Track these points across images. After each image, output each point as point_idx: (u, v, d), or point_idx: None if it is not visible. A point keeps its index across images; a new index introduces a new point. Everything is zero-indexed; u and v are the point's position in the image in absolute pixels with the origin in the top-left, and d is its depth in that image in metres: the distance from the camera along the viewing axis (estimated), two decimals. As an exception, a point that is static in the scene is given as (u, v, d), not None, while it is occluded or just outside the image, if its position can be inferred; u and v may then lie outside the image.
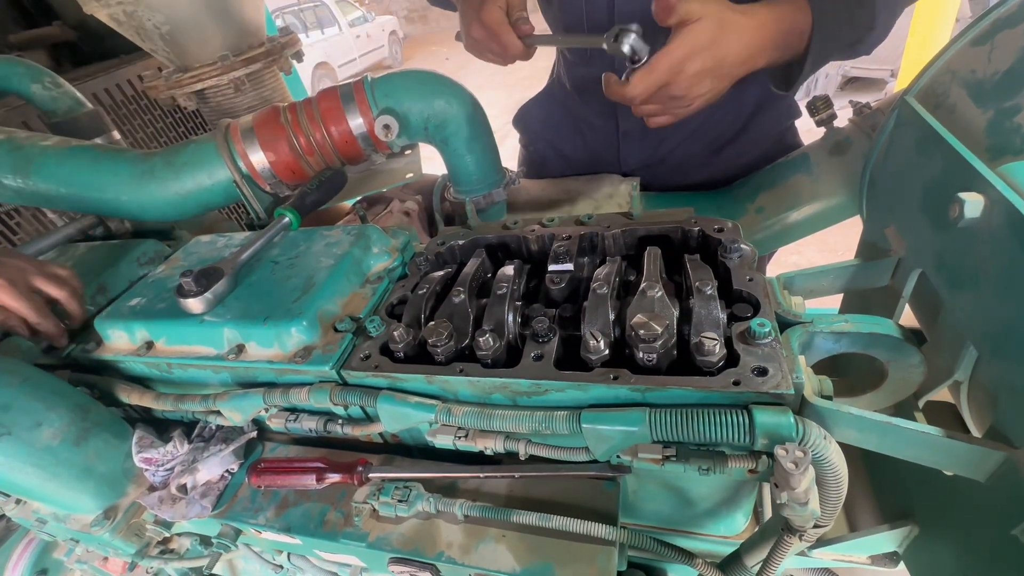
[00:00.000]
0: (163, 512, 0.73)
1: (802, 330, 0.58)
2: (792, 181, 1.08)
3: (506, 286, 0.69)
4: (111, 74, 1.84)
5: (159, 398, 0.78)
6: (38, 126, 1.53)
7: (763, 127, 1.16)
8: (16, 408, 0.68)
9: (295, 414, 0.72)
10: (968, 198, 0.52)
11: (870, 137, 0.98)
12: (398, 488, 0.65)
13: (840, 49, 0.81)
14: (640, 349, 0.55)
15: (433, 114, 0.95)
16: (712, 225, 0.71)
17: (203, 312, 0.74)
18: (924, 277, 0.66)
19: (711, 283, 0.61)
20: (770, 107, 1.14)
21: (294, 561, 0.82)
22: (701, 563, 0.60)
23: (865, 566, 0.71)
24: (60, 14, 2.12)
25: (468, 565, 0.60)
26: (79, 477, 0.73)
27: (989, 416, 0.56)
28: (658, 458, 0.53)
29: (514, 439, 0.60)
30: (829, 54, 0.79)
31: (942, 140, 0.60)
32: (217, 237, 0.95)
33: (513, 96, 7.54)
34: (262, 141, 0.93)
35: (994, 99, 0.61)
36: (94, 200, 1.04)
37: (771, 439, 0.48)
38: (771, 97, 1.13)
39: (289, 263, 0.80)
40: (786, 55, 0.78)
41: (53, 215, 1.47)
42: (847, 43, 0.80)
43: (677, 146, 1.18)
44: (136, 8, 1.13)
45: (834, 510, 0.52)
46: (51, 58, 2.10)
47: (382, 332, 0.68)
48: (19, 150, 1.01)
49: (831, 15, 0.75)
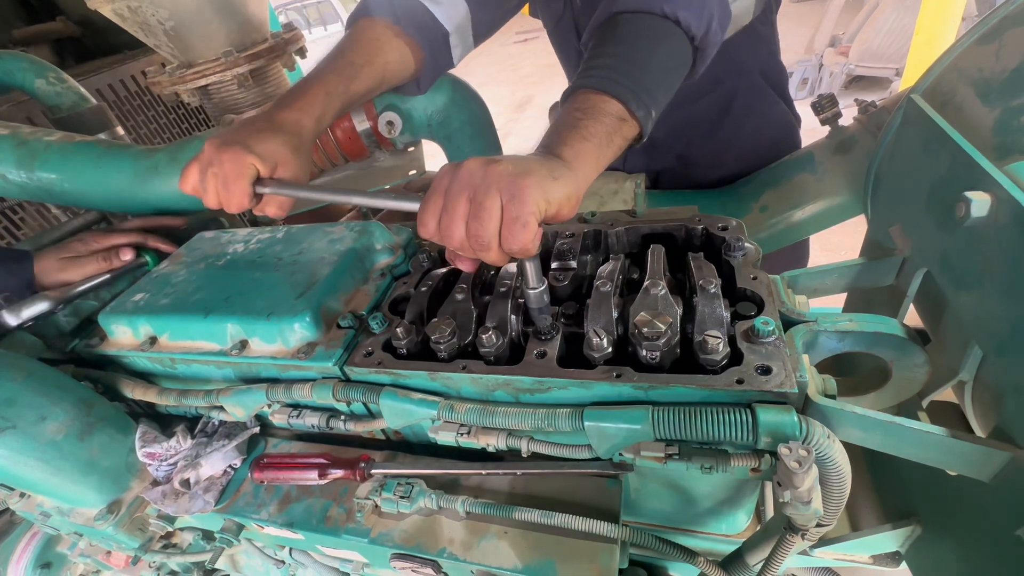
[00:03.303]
0: (166, 507, 0.73)
1: (806, 329, 0.58)
2: (797, 180, 1.08)
3: (509, 283, 0.68)
4: (115, 70, 1.84)
5: (162, 393, 0.78)
6: (42, 121, 1.53)
7: (766, 129, 1.16)
8: (21, 403, 0.68)
9: (298, 410, 0.72)
10: (975, 197, 0.52)
11: (875, 136, 0.98)
12: (400, 484, 0.65)
13: (674, 83, 0.69)
14: (643, 347, 0.55)
15: (436, 111, 0.95)
16: (716, 223, 0.71)
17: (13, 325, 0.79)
18: (929, 276, 0.66)
19: (715, 281, 0.61)
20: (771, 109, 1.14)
21: (296, 556, 0.83)
22: (703, 561, 0.60)
23: (867, 566, 0.71)
24: (64, 10, 2.12)
25: (470, 561, 0.60)
26: (83, 471, 0.73)
27: (993, 416, 0.56)
28: (661, 456, 0.52)
29: (516, 436, 0.60)
30: (663, 98, 0.67)
31: (948, 139, 0.59)
32: (221, 233, 0.95)
33: (516, 93, 7.53)
34: (265, 137, 0.93)
35: (1001, 98, 0.61)
36: (98, 195, 1.04)
37: (774, 438, 0.48)
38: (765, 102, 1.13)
39: (292, 259, 0.80)
40: (620, 145, 0.65)
41: (57, 210, 1.48)
42: (680, 71, 0.70)
43: (683, 153, 1.18)
44: (140, 4, 1.13)
45: (837, 509, 0.52)
46: (55, 54, 2.11)
47: (385, 329, 0.68)
48: (23, 145, 1.01)
49: (641, 87, 0.64)
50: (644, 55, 0.66)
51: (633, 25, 0.67)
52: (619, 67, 0.65)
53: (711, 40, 0.69)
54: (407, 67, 0.91)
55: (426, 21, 0.89)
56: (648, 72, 0.65)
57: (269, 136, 0.73)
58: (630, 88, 0.63)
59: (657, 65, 0.66)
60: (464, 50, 0.98)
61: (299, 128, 0.76)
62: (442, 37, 0.92)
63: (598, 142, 0.61)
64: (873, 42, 4.66)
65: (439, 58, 0.94)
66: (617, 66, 0.65)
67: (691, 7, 0.65)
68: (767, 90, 1.13)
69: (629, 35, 0.67)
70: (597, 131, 0.61)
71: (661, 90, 0.67)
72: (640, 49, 0.66)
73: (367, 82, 0.86)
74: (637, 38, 0.66)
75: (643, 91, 0.64)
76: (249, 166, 0.70)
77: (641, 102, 0.63)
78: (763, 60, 1.10)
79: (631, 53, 0.66)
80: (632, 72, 0.64)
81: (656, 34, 0.66)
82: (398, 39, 0.88)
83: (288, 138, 0.74)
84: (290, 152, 0.74)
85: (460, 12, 0.92)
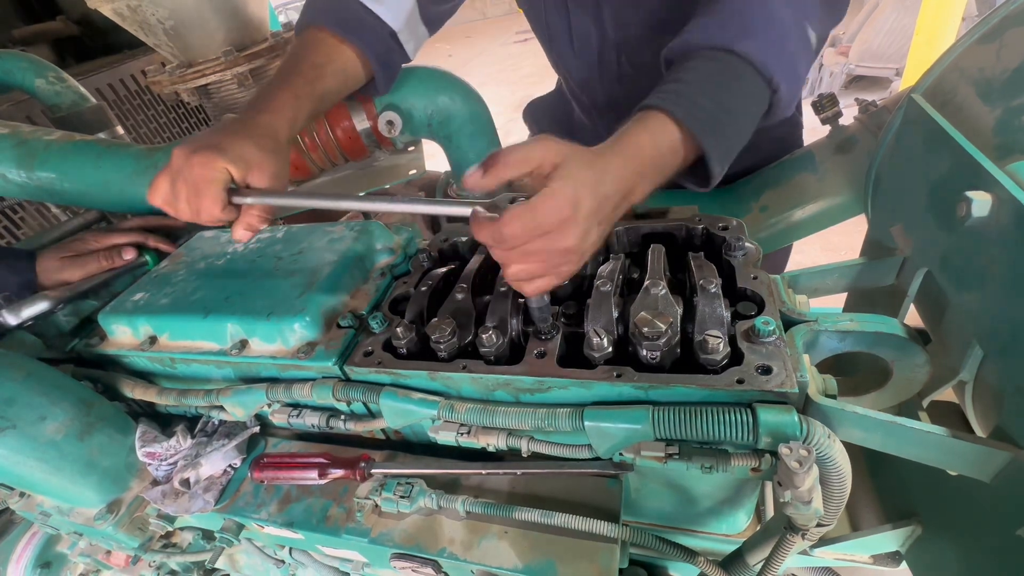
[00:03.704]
0: (166, 506, 0.73)
1: (807, 329, 0.58)
2: (797, 179, 1.08)
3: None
4: (115, 69, 1.84)
5: (162, 393, 0.78)
6: (42, 121, 1.54)
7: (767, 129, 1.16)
8: (20, 402, 0.68)
9: (298, 410, 0.72)
10: (976, 197, 0.52)
11: (876, 135, 0.97)
12: (400, 484, 0.65)
13: (745, 131, 0.66)
14: (643, 347, 0.55)
15: (436, 110, 0.95)
16: (716, 223, 0.71)
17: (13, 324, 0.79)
18: (930, 276, 0.66)
19: (715, 281, 0.61)
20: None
21: (296, 556, 0.83)
22: (703, 561, 0.60)
23: (867, 565, 0.71)
24: (64, 9, 2.12)
25: (470, 561, 0.60)
26: (83, 471, 0.73)
27: (994, 416, 0.55)
28: (661, 456, 0.52)
29: (517, 436, 0.60)
30: (732, 139, 0.65)
31: (949, 138, 0.59)
32: (220, 233, 0.95)
33: (516, 93, 7.53)
34: (265, 137, 0.93)
35: (1002, 97, 0.61)
36: (98, 195, 1.04)
37: (775, 438, 0.48)
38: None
39: (292, 259, 0.80)
40: (671, 173, 0.64)
41: (57, 210, 1.48)
42: (752, 118, 0.66)
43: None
44: (140, 3, 1.13)
45: (837, 509, 0.52)
46: (55, 53, 2.11)
47: (385, 328, 0.68)
48: (23, 145, 1.01)
49: (706, 116, 0.61)
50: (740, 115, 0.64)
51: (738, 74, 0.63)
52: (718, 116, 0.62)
53: (787, 113, 0.68)
54: (359, 71, 0.89)
55: (368, 23, 0.86)
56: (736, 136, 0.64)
57: (241, 139, 0.68)
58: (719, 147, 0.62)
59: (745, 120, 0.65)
60: (417, 42, 0.96)
61: (272, 131, 0.72)
62: (389, 36, 0.90)
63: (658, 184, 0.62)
64: (873, 42, 4.65)
65: (389, 58, 0.92)
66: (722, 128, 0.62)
67: (792, 82, 0.63)
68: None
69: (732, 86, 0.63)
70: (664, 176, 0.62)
71: (739, 143, 0.65)
72: (740, 107, 0.64)
73: (333, 82, 0.84)
74: (738, 93, 0.64)
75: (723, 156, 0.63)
76: (221, 170, 0.65)
77: (723, 162, 0.63)
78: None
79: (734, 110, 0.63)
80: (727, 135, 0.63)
81: (755, 93, 0.64)
82: (343, 46, 0.85)
83: (262, 140, 0.70)
84: (265, 155, 0.69)
85: (405, 5, 0.89)
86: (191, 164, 0.66)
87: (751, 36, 0.61)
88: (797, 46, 0.62)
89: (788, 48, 0.62)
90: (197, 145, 0.67)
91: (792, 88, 0.64)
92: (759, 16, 0.62)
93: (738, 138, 0.65)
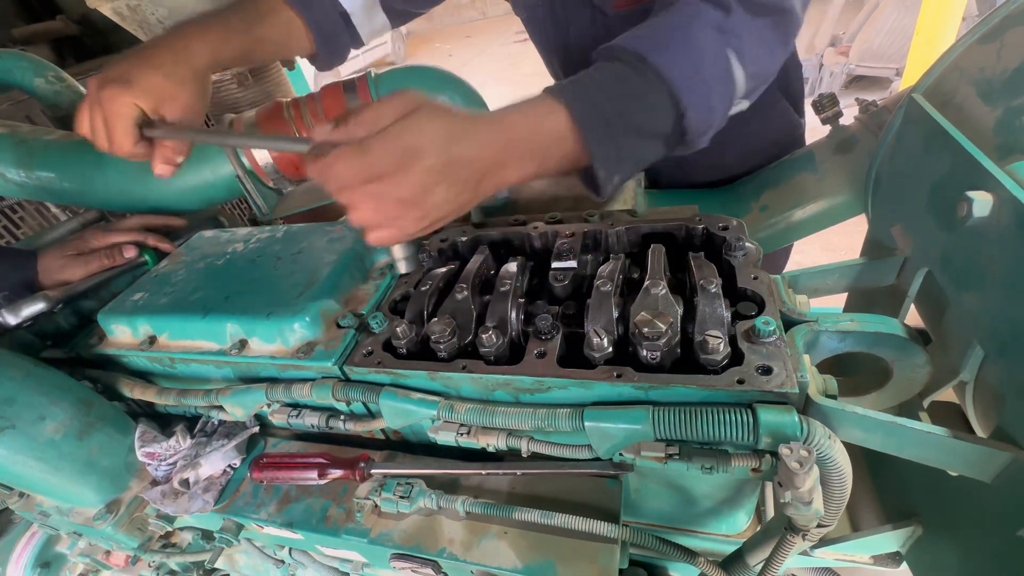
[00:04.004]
0: (165, 506, 0.73)
1: (807, 329, 0.58)
2: (797, 179, 1.07)
3: (509, 283, 0.68)
4: (114, 69, 1.84)
5: (162, 393, 0.78)
6: (41, 120, 1.53)
7: (767, 129, 1.15)
8: (20, 402, 0.68)
9: (297, 410, 0.72)
10: (976, 197, 0.52)
11: (876, 135, 0.97)
12: (400, 484, 0.65)
13: (643, 147, 0.62)
14: (644, 347, 0.55)
15: (436, 110, 0.95)
16: (716, 223, 0.71)
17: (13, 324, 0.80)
18: (930, 276, 0.66)
19: (715, 281, 0.61)
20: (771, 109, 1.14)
21: (295, 556, 0.83)
22: (703, 561, 0.60)
23: (868, 566, 0.71)
24: (63, 9, 2.12)
25: (470, 562, 0.60)
26: (82, 471, 0.73)
27: (995, 416, 0.55)
28: (661, 456, 0.52)
29: (517, 436, 0.60)
30: (627, 155, 0.62)
31: (950, 138, 0.59)
32: (220, 233, 0.95)
33: (517, 92, 7.48)
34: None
35: (1003, 97, 0.61)
36: (97, 194, 1.04)
37: (775, 438, 0.48)
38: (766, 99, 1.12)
39: (292, 258, 0.80)
40: (555, 164, 0.61)
41: (56, 209, 1.48)
42: (653, 138, 0.62)
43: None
44: (140, 3, 1.13)
45: (838, 510, 0.52)
46: (54, 52, 2.11)
47: (385, 328, 0.68)
48: (23, 144, 1.01)
49: (597, 112, 0.58)
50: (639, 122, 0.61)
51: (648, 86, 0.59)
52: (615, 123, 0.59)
53: (697, 145, 0.64)
54: (304, 40, 0.86)
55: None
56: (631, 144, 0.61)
57: (152, 69, 0.65)
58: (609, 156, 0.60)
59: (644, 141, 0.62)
60: (373, 29, 0.93)
61: (188, 58, 0.69)
62: (340, 16, 0.88)
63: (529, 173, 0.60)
64: (873, 42, 4.65)
65: (336, 38, 0.89)
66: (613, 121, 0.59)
67: (701, 112, 0.60)
68: (771, 88, 1.12)
69: (637, 92, 0.60)
70: (549, 166, 0.60)
71: (633, 165, 0.63)
72: (640, 112, 0.60)
73: (273, 33, 0.81)
74: (643, 106, 0.60)
75: (616, 160, 0.61)
76: (129, 105, 0.64)
77: (611, 167, 0.60)
78: None
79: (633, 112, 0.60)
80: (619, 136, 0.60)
81: (661, 112, 0.60)
82: (291, 12, 0.83)
83: (176, 69, 0.67)
84: (177, 86, 0.66)
85: None
86: (101, 98, 0.64)
87: (667, 51, 0.59)
88: (713, 76, 0.59)
89: (703, 75, 0.59)
90: (108, 77, 0.65)
91: (702, 118, 0.60)
92: (679, 37, 0.60)
93: (632, 149, 0.61)
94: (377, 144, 0.50)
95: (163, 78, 0.66)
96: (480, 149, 0.55)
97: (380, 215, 0.55)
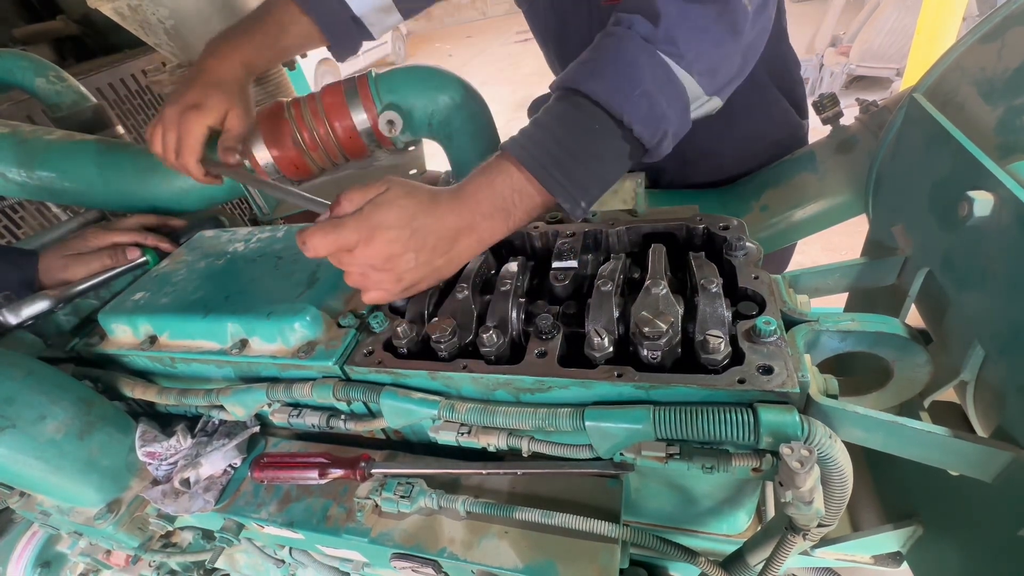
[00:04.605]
0: (166, 506, 0.73)
1: (808, 328, 0.58)
2: (798, 179, 1.07)
3: (510, 283, 0.68)
4: (115, 68, 1.84)
5: (162, 392, 0.78)
6: (42, 120, 1.53)
7: (768, 131, 1.15)
8: (20, 401, 0.68)
9: (298, 409, 0.72)
10: (977, 196, 0.52)
11: (877, 135, 0.97)
12: (400, 484, 0.65)
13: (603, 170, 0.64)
14: (644, 347, 0.55)
15: (437, 110, 0.95)
16: (717, 223, 0.71)
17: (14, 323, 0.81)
18: (931, 276, 0.66)
19: (716, 281, 0.61)
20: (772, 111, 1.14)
21: (296, 556, 0.83)
22: (704, 561, 0.60)
23: (868, 566, 0.71)
24: (64, 9, 2.13)
25: (470, 561, 0.60)
26: (83, 470, 0.73)
27: (996, 416, 0.55)
28: (662, 456, 0.52)
29: (517, 436, 0.60)
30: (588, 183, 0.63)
31: (951, 138, 0.59)
32: (221, 232, 0.95)
33: (517, 92, 7.52)
34: (266, 136, 0.93)
35: (1004, 97, 0.61)
36: (97, 194, 1.04)
37: (776, 438, 0.48)
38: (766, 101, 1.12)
39: (293, 258, 0.80)
40: (523, 213, 0.65)
41: (57, 209, 1.48)
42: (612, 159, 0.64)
43: (683, 151, 1.18)
44: (140, 3, 1.13)
45: (838, 509, 0.52)
46: (55, 52, 2.11)
47: (385, 328, 0.68)
48: (23, 144, 1.01)
49: (545, 155, 0.62)
50: (591, 151, 0.63)
51: (585, 116, 0.62)
52: (563, 159, 0.62)
53: (661, 150, 0.65)
54: (319, 40, 0.96)
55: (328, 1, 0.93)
56: (590, 169, 0.63)
57: (213, 90, 0.80)
58: (565, 186, 0.62)
59: (603, 164, 0.64)
60: (383, 27, 1.01)
61: (234, 73, 0.84)
62: (348, 18, 0.96)
63: (507, 229, 0.66)
64: (874, 42, 4.65)
65: (345, 36, 0.98)
66: (562, 158, 0.62)
67: (647, 122, 0.61)
68: (770, 88, 1.12)
69: (578, 125, 0.63)
70: (518, 219, 0.65)
71: (598, 186, 0.64)
72: (588, 143, 0.63)
73: (294, 40, 0.92)
74: (586, 131, 0.62)
75: (578, 188, 0.62)
76: (202, 126, 0.79)
77: (572, 197, 0.62)
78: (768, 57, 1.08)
79: (578, 146, 0.62)
80: (573, 167, 0.62)
81: (606, 132, 0.62)
82: (303, 16, 0.92)
83: (230, 87, 0.82)
84: (234, 100, 0.82)
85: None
86: (180, 122, 0.79)
87: (599, 77, 0.61)
88: (655, 86, 0.60)
89: (643, 88, 0.60)
90: (184, 104, 0.80)
91: (654, 126, 0.62)
92: (609, 58, 0.62)
93: (591, 176, 0.63)
94: (349, 221, 0.60)
95: (223, 96, 0.81)
96: (441, 218, 0.62)
97: (362, 279, 0.64)
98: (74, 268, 0.90)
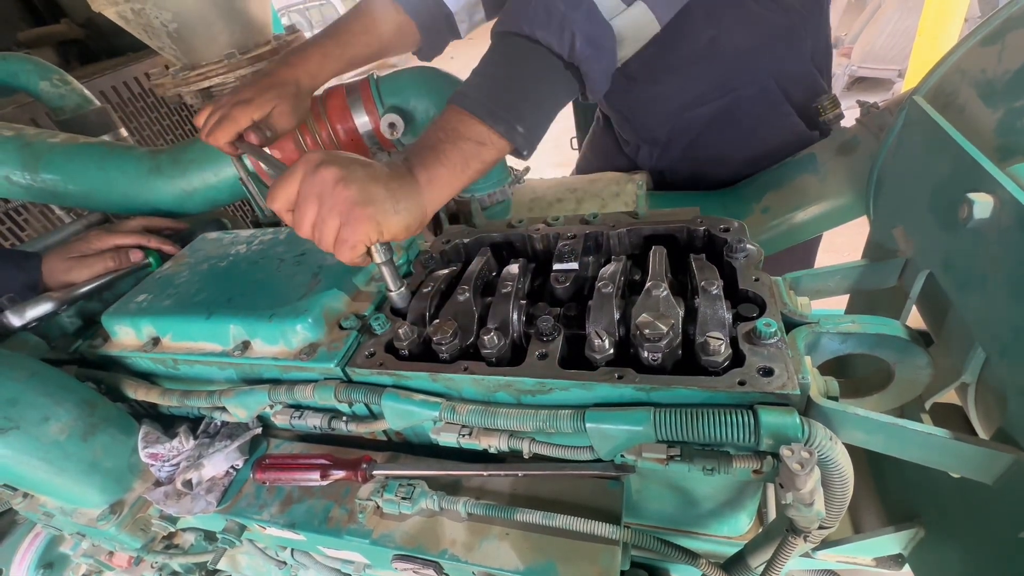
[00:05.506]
0: (168, 507, 0.73)
1: (808, 330, 0.58)
2: (799, 181, 1.07)
3: (511, 285, 0.68)
4: (118, 72, 1.85)
5: (165, 394, 0.78)
6: (46, 123, 1.54)
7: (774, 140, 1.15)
8: (24, 403, 0.68)
9: (300, 411, 0.72)
10: (977, 199, 0.52)
11: (878, 137, 0.97)
12: (402, 485, 0.65)
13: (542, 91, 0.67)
14: (645, 348, 0.55)
15: (438, 112, 0.95)
16: (718, 225, 0.71)
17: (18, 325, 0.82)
18: (932, 278, 0.66)
19: (717, 283, 0.61)
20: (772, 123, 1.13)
21: (297, 557, 0.83)
22: (705, 563, 0.60)
23: (870, 568, 0.71)
24: (68, 12, 2.14)
25: (471, 563, 0.60)
26: (86, 472, 0.74)
27: (997, 418, 0.55)
28: (662, 458, 0.52)
29: (518, 437, 0.60)
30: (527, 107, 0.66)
31: (951, 140, 0.59)
32: (223, 235, 0.95)
33: (518, 95, 7.53)
34: (268, 139, 0.93)
35: (1004, 99, 0.61)
36: (101, 197, 1.04)
37: (776, 440, 0.48)
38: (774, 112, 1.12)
39: (295, 260, 0.81)
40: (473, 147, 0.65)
41: (61, 211, 1.48)
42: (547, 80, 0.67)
43: (689, 153, 1.18)
44: (144, 6, 1.13)
45: (839, 511, 0.52)
46: (59, 56, 2.12)
47: (387, 330, 0.69)
48: (27, 147, 1.01)
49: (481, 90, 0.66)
50: (512, 74, 0.67)
51: (504, 46, 0.68)
52: (485, 86, 0.66)
53: (581, 57, 0.65)
54: (406, 41, 1.00)
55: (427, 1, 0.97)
56: (513, 90, 0.66)
57: (268, 92, 0.85)
58: (490, 108, 0.64)
59: (525, 83, 0.66)
60: (472, 25, 1.05)
61: (296, 81, 0.88)
62: (444, 16, 0.99)
63: (453, 168, 0.64)
64: (875, 43, 4.64)
65: (438, 34, 1.02)
66: (483, 85, 0.66)
67: (549, 27, 0.63)
68: (778, 99, 1.10)
69: (499, 56, 0.68)
70: (454, 158, 0.64)
71: (529, 106, 0.66)
72: (509, 68, 0.67)
73: (365, 50, 0.95)
74: (506, 58, 0.68)
75: (504, 108, 0.64)
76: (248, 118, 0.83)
77: (501, 118, 0.64)
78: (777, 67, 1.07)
79: (499, 72, 0.67)
80: (495, 91, 0.65)
81: (523, 54, 0.66)
82: (398, 15, 0.96)
83: (284, 91, 0.86)
84: (283, 103, 0.86)
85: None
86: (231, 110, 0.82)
87: (505, 13, 0.67)
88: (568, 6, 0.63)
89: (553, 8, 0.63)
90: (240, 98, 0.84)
91: (553, 32, 0.64)
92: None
93: (518, 98, 0.66)
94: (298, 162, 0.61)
95: (275, 95, 0.85)
96: (404, 162, 0.64)
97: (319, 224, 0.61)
98: (77, 270, 0.90)
